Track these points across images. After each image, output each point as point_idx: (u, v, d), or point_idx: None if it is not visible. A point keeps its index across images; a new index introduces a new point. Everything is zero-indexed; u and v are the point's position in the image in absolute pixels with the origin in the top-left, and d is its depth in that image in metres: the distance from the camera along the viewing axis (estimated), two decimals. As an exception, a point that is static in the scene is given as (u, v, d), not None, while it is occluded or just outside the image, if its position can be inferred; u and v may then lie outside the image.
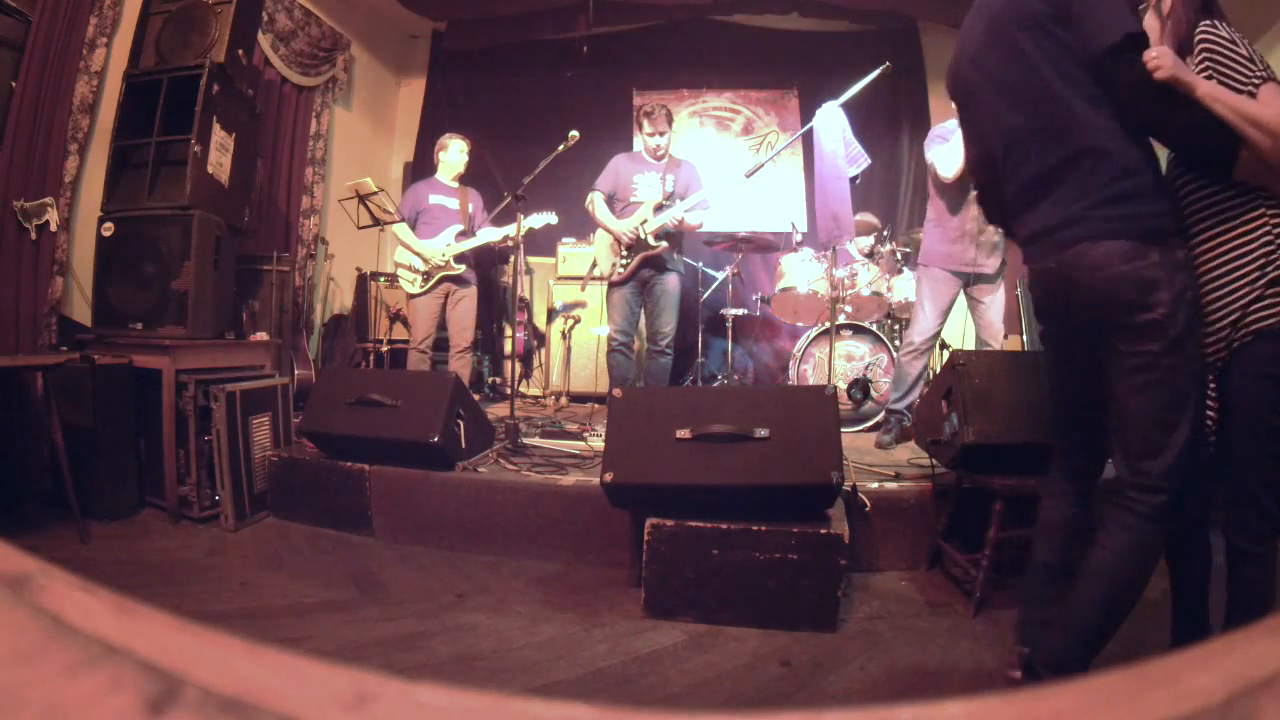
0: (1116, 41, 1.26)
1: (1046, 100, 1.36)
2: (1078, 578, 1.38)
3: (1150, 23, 1.48)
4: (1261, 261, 1.31)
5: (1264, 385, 1.33)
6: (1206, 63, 1.34)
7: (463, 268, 3.77)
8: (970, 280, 3.08)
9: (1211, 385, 1.42)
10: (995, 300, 3.10)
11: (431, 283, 3.74)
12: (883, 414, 3.43)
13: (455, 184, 3.93)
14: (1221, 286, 1.37)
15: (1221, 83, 1.30)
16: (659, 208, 3.50)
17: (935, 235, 3.15)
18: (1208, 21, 1.36)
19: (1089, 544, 1.48)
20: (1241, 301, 1.34)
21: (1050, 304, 1.49)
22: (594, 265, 3.87)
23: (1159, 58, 1.24)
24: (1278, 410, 1.32)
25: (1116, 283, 1.28)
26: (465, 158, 3.92)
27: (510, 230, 3.65)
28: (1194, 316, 1.30)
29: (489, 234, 3.77)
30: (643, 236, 3.46)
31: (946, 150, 3.01)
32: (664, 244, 3.47)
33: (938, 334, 3.17)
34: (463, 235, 3.79)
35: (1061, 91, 1.34)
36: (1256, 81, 1.28)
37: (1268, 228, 1.32)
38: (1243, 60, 1.30)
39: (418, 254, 3.71)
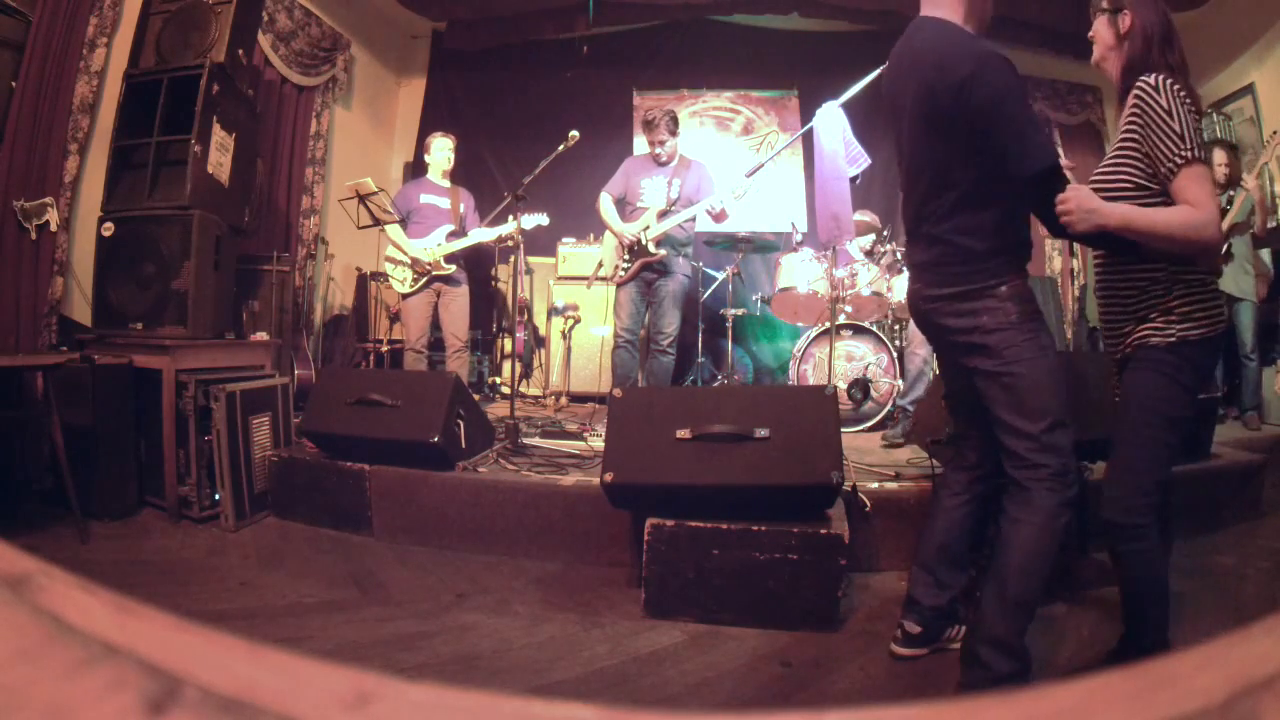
0: (1027, 176, 1.44)
1: (930, 177, 1.59)
2: (995, 560, 1.52)
3: (1103, 31, 1.56)
4: (1160, 291, 1.49)
5: (1149, 377, 1.49)
6: (1137, 122, 1.44)
7: (453, 268, 3.76)
8: None
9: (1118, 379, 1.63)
10: None
11: (422, 283, 3.74)
12: (893, 411, 3.44)
13: (447, 183, 3.93)
14: (1126, 302, 1.55)
15: (1148, 148, 1.42)
16: (663, 214, 3.50)
17: None
18: (1150, 80, 1.43)
19: (987, 532, 1.73)
20: (1136, 316, 1.53)
21: (914, 320, 1.80)
22: (599, 265, 3.89)
23: (1068, 215, 1.42)
24: (1164, 399, 1.48)
25: (941, 312, 1.60)
26: (450, 155, 3.92)
27: (502, 230, 3.66)
28: (1022, 328, 1.50)
29: (480, 234, 3.77)
30: (644, 242, 3.47)
31: None
32: (663, 251, 3.48)
33: None
34: (454, 235, 3.79)
35: (940, 178, 1.56)
36: (1179, 162, 1.38)
37: (1166, 278, 1.49)
38: (1173, 136, 1.39)
39: (407, 254, 3.71)
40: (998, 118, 1.44)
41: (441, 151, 3.90)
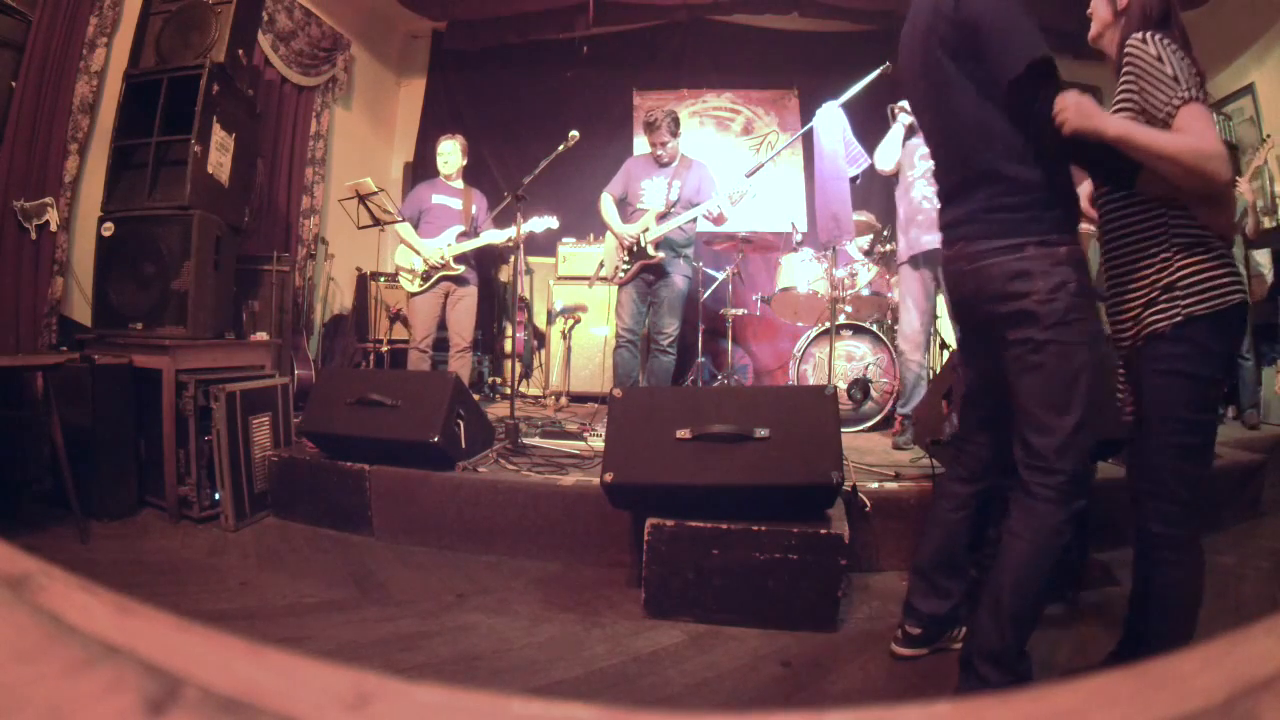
0: (1020, 72, 1.34)
1: (955, 121, 1.49)
2: (992, 571, 1.45)
3: (1100, 8, 1.51)
4: (1159, 267, 1.39)
5: (1163, 380, 1.39)
6: (1130, 79, 1.38)
7: (462, 268, 3.77)
8: (924, 262, 3.09)
9: (1122, 370, 1.53)
10: None
11: (431, 282, 3.75)
12: (897, 419, 3.42)
13: (459, 184, 3.94)
14: (1128, 288, 1.45)
15: (1142, 101, 1.35)
16: (662, 216, 3.50)
17: (897, 235, 3.26)
18: (1139, 35, 1.38)
19: (987, 532, 1.65)
20: (1140, 303, 1.42)
21: (950, 296, 1.64)
22: (600, 266, 3.89)
23: (1064, 110, 1.32)
24: (1182, 403, 1.38)
25: (990, 275, 1.42)
26: (458, 157, 3.91)
27: (513, 233, 3.66)
28: (1077, 304, 1.37)
29: (491, 235, 3.78)
30: (643, 245, 3.46)
31: (882, 145, 3.19)
32: (661, 254, 3.48)
33: (921, 329, 3.15)
34: (464, 236, 3.79)
35: (967, 116, 1.46)
36: (1176, 103, 1.30)
37: (1165, 235, 1.39)
38: (1166, 80, 1.31)
39: (418, 253, 3.72)
40: (987, 23, 1.37)
41: (446, 154, 3.91)
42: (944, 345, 3.92)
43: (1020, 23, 1.36)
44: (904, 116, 3.15)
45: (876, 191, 5.39)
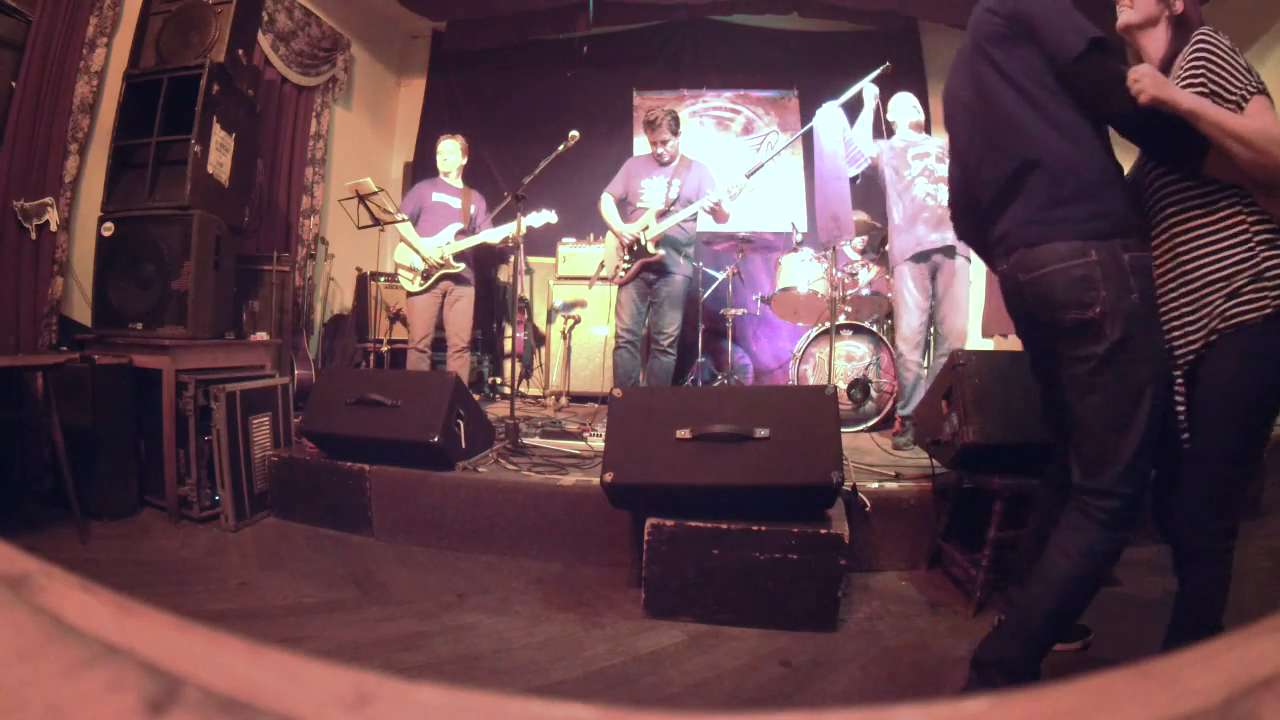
0: (1083, 49, 1.31)
1: (998, 117, 1.41)
2: (1030, 579, 1.39)
3: (1146, 4, 1.47)
4: (1241, 257, 1.30)
5: (1235, 381, 1.31)
6: (1200, 65, 1.34)
7: (461, 266, 3.78)
8: (927, 257, 3.11)
9: (1180, 383, 1.39)
10: (959, 281, 3.10)
11: (430, 281, 3.75)
12: (897, 419, 3.43)
13: (460, 184, 3.95)
14: (1196, 281, 1.35)
15: (1213, 87, 1.32)
16: (662, 214, 3.50)
17: (892, 236, 3.28)
18: (1206, 28, 1.37)
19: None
20: (1222, 294, 1.31)
21: (1012, 311, 1.54)
22: (601, 266, 3.89)
23: (1139, 80, 1.27)
24: (1244, 406, 1.31)
25: (1052, 284, 1.32)
26: (458, 156, 3.92)
27: (511, 230, 3.66)
28: (1142, 316, 1.28)
29: (490, 234, 3.79)
30: (643, 243, 3.46)
31: (859, 125, 3.28)
32: (662, 252, 3.48)
33: (920, 328, 3.16)
34: (463, 234, 3.80)
35: (1011, 106, 1.39)
36: (1250, 91, 1.29)
37: (1244, 225, 1.31)
38: (1240, 70, 1.31)
39: (417, 251, 3.72)
40: (1038, 10, 1.35)
41: (441, 154, 3.92)
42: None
43: (1070, 9, 1.36)
44: (870, 89, 3.21)
45: (876, 191, 5.40)
